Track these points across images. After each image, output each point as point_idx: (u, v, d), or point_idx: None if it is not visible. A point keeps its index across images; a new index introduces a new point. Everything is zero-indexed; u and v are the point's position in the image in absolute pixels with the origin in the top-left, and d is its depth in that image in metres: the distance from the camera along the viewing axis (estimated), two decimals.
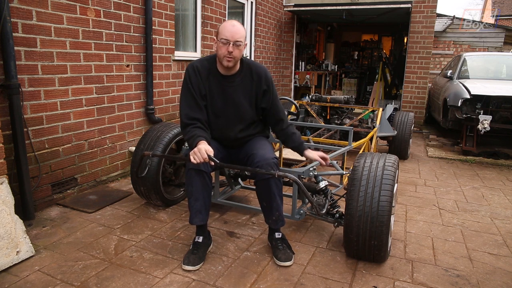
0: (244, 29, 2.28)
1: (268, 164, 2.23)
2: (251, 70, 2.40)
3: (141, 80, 3.95)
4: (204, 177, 2.24)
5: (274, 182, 2.26)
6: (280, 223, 2.37)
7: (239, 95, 2.38)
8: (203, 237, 2.35)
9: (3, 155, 2.34)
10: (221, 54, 2.24)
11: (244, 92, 2.39)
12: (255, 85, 2.39)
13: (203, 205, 2.28)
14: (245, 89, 2.38)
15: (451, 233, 2.81)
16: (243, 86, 2.38)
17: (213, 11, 5.28)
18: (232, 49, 2.20)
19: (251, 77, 2.39)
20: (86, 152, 3.37)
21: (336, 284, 2.10)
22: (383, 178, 2.16)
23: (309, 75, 9.33)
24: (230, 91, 2.37)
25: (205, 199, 2.28)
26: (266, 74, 2.43)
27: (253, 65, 2.42)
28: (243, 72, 2.39)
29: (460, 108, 5.16)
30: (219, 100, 2.39)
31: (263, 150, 2.33)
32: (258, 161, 2.25)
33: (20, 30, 2.67)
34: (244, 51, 2.32)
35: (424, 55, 7.35)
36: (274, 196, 2.29)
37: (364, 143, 3.91)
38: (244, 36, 2.27)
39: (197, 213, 2.27)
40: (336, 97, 5.25)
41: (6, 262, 2.14)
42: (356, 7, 7.38)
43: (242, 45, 2.25)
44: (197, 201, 2.26)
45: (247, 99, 2.40)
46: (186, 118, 2.31)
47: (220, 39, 2.22)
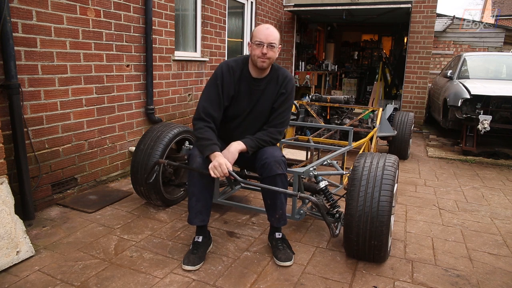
0: (278, 32, 2.32)
1: (276, 161, 2.24)
2: (278, 74, 2.42)
3: (141, 80, 3.95)
4: (206, 178, 2.25)
5: (280, 180, 2.26)
6: (283, 221, 2.37)
7: (265, 98, 2.40)
8: (203, 236, 2.35)
9: (3, 155, 2.34)
10: (255, 55, 2.26)
11: (269, 96, 2.41)
12: (278, 87, 2.40)
13: (205, 206, 2.29)
14: (270, 93, 2.40)
15: (451, 233, 2.81)
16: (269, 90, 2.40)
17: (213, 11, 5.28)
18: (266, 50, 2.23)
19: (277, 81, 2.41)
20: (86, 152, 3.37)
21: (336, 284, 2.10)
22: (383, 178, 2.16)
23: (309, 75, 9.33)
24: (257, 94, 2.40)
25: (207, 200, 2.30)
26: (290, 81, 2.44)
27: (281, 70, 2.45)
28: (270, 76, 2.41)
29: (460, 108, 5.16)
30: (245, 102, 2.41)
31: (272, 148, 2.34)
32: (266, 157, 2.25)
33: (20, 30, 2.67)
34: (277, 54, 2.34)
35: (424, 55, 7.35)
36: (279, 194, 2.29)
37: (364, 143, 3.91)
38: (278, 38, 2.31)
39: (197, 214, 2.28)
40: (336, 97, 5.26)
41: (6, 262, 2.14)
42: (356, 7, 7.38)
43: (276, 47, 2.29)
44: (198, 201, 2.27)
45: (270, 102, 2.42)
46: (203, 111, 2.29)
47: (254, 41, 2.27)
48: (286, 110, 2.44)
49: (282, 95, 2.40)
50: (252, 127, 2.45)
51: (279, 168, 2.23)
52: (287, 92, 2.41)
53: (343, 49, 13.19)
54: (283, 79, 2.41)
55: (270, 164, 2.22)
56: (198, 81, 5.05)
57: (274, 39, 2.26)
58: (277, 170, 2.23)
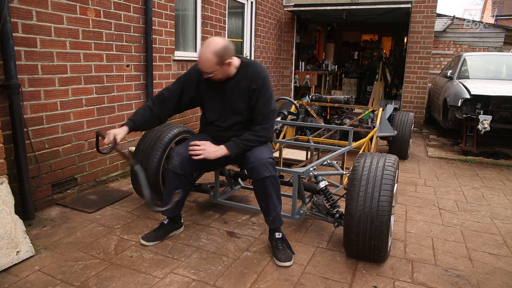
0: (212, 56, 2.17)
1: (263, 164, 2.23)
2: (247, 69, 2.37)
3: (141, 80, 3.94)
4: (181, 179, 2.37)
5: (270, 182, 2.26)
6: (278, 223, 2.37)
7: (235, 96, 2.38)
8: (169, 220, 2.55)
9: (3, 155, 2.34)
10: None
11: (240, 93, 2.38)
12: (248, 83, 2.36)
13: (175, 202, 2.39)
14: (241, 90, 2.37)
15: (451, 233, 2.81)
16: (239, 87, 2.37)
17: (213, 11, 5.28)
18: (207, 76, 2.26)
19: (246, 77, 2.36)
20: (86, 152, 3.37)
21: (336, 284, 2.10)
22: (383, 178, 2.16)
23: (309, 75, 9.33)
24: (227, 93, 2.39)
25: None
26: (260, 74, 2.35)
27: (251, 65, 2.39)
28: (239, 74, 2.37)
29: (460, 108, 5.16)
30: (217, 102, 2.42)
31: (259, 150, 2.32)
32: (252, 161, 2.26)
33: (20, 30, 2.67)
34: (227, 68, 2.27)
35: (424, 55, 7.35)
36: (270, 196, 2.29)
37: (364, 143, 3.91)
38: (213, 64, 2.18)
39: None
40: (336, 97, 5.26)
41: (6, 262, 2.14)
42: (356, 7, 7.38)
43: (216, 72, 2.24)
44: (168, 196, 2.39)
45: (243, 99, 2.39)
46: (157, 95, 2.50)
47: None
48: (265, 105, 2.36)
49: (254, 91, 2.35)
50: (234, 127, 2.43)
51: (266, 170, 2.23)
52: (258, 86, 2.34)
53: (343, 49, 13.19)
54: (252, 74, 2.35)
55: (257, 168, 2.23)
56: None
57: (208, 68, 2.20)
58: (264, 173, 2.23)
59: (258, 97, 2.35)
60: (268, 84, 2.38)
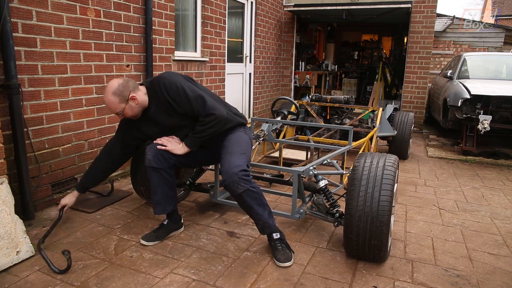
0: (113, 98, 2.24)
1: (234, 181, 2.15)
2: (154, 91, 2.34)
3: (141, 80, 3.94)
4: (160, 173, 2.38)
5: (247, 195, 2.22)
6: (267, 229, 2.36)
7: (165, 117, 2.38)
8: (169, 220, 2.58)
9: (3, 155, 2.34)
10: None
11: (165, 112, 2.36)
12: (163, 101, 2.31)
13: (162, 197, 2.44)
14: (163, 110, 2.35)
15: (451, 233, 2.81)
16: (160, 109, 2.35)
17: (213, 11, 5.28)
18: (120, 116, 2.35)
19: (158, 96, 2.33)
20: (86, 152, 3.37)
21: (336, 284, 2.10)
22: (383, 178, 2.15)
23: (309, 75, 9.33)
24: (156, 119, 2.41)
25: (164, 192, 2.43)
26: (161, 86, 2.29)
27: (153, 83, 2.35)
28: (152, 98, 2.36)
29: (460, 108, 5.16)
30: (157, 131, 2.45)
31: (228, 162, 2.22)
32: (224, 180, 2.20)
33: (20, 30, 2.67)
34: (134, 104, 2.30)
35: (424, 55, 7.35)
36: (251, 207, 2.27)
37: (364, 143, 3.91)
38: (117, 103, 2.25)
39: (156, 205, 2.46)
40: (336, 97, 5.26)
41: (6, 262, 2.14)
42: (356, 7, 7.38)
43: (126, 110, 2.30)
44: (155, 194, 2.43)
45: (172, 115, 2.36)
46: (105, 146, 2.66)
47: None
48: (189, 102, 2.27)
49: (172, 102, 2.28)
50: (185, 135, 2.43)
51: (238, 187, 2.17)
52: (170, 97, 2.27)
53: (343, 49, 13.19)
54: (159, 91, 2.30)
55: (229, 186, 2.19)
56: (198, 81, 5.05)
57: (116, 108, 2.28)
58: (237, 190, 2.18)
59: (179, 103, 2.29)
60: (170, 84, 2.28)
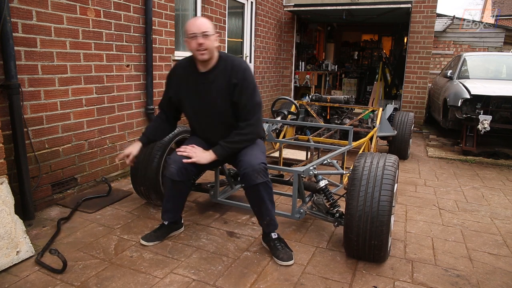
0: (209, 21, 2.26)
1: (255, 170, 2.19)
2: (226, 63, 2.29)
3: (141, 80, 3.94)
4: (179, 186, 2.37)
5: (263, 188, 2.23)
6: (272, 227, 2.36)
7: (216, 93, 2.29)
8: (169, 222, 2.57)
9: (3, 155, 2.34)
10: (193, 49, 2.22)
11: (218, 88, 2.28)
12: (227, 78, 2.26)
13: (174, 207, 2.49)
14: (219, 85, 2.28)
15: (451, 233, 2.81)
16: (217, 82, 2.28)
17: (213, 11, 5.28)
18: (202, 40, 2.17)
19: (225, 71, 2.27)
20: (86, 152, 3.37)
21: (336, 284, 2.10)
22: (383, 178, 2.16)
23: (309, 75, 9.33)
24: (205, 89, 2.31)
25: (177, 202, 2.49)
26: (240, 67, 2.27)
27: (229, 59, 2.32)
28: (218, 68, 2.29)
29: (460, 108, 5.16)
30: (196, 100, 2.36)
31: (250, 154, 2.26)
32: (244, 168, 2.21)
33: (20, 30, 2.67)
34: (215, 42, 2.25)
35: (424, 55, 7.34)
36: (264, 201, 2.27)
37: (364, 143, 3.91)
38: (211, 27, 2.23)
39: (166, 212, 2.50)
40: (336, 97, 5.26)
41: (6, 262, 2.14)
42: (356, 7, 7.38)
43: (211, 35, 2.21)
44: (168, 202, 2.46)
45: (221, 95, 2.29)
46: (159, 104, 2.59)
47: (188, 35, 2.22)
48: (249, 99, 2.27)
49: (235, 86, 2.25)
50: (220, 124, 2.38)
51: (258, 177, 2.19)
52: (239, 81, 2.24)
53: (343, 49, 13.18)
54: (231, 68, 2.26)
55: (249, 174, 2.19)
56: None
57: (207, 28, 2.19)
58: (256, 179, 2.19)
59: (241, 91, 2.25)
60: (250, 76, 2.29)
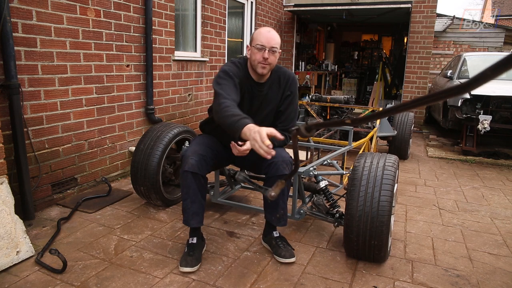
0: (279, 36, 2.24)
1: (284, 161, 2.22)
2: (279, 76, 2.34)
3: (141, 80, 3.95)
4: (200, 180, 2.20)
5: (288, 181, 2.26)
6: (283, 222, 2.36)
7: (268, 103, 2.34)
8: (197, 237, 2.32)
9: (3, 155, 2.34)
10: (255, 60, 2.17)
11: (271, 100, 2.34)
12: (281, 91, 2.33)
13: (200, 207, 2.25)
14: (272, 97, 2.33)
15: (451, 233, 2.81)
16: (272, 94, 2.33)
17: (213, 11, 5.28)
18: (268, 55, 2.14)
19: (279, 84, 2.33)
20: (86, 152, 3.37)
21: (336, 284, 2.10)
22: (383, 178, 2.15)
23: (309, 75, 9.33)
24: (259, 99, 2.33)
25: (201, 201, 2.25)
26: (293, 80, 2.37)
27: (282, 71, 2.37)
28: (271, 79, 2.33)
29: (460, 108, 5.17)
30: (247, 105, 2.32)
31: (280, 150, 2.29)
32: (275, 157, 2.13)
33: (20, 30, 2.67)
34: (277, 58, 2.26)
35: (424, 55, 7.35)
36: (283, 194, 2.29)
37: (364, 143, 3.91)
38: (279, 43, 2.23)
39: (194, 216, 2.24)
40: (336, 97, 5.26)
41: (6, 262, 2.14)
42: (356, 7, 7.38)
43: (277, 51, 2.21)
44: (194, 203, 2.22)
45: (272, 106, 2.35)
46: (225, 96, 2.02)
47: (255, 44, 2.16)
48: (294, 111, 2.40)
49: (287, 97, 2.34)
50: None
51: (286, 168, 2.21)
52: (292, 93, 2.35)
53: (343, 49, 13.19)
54: (286, 81, 2.34)
55: (278, 164, 2.20)
56: (198, 81, 5.05)
57: (276, 43, 2.18)
58: (284, 170, 2.20)
59: (290, 103, 2.35)
60: (296, 85, 2.42)
